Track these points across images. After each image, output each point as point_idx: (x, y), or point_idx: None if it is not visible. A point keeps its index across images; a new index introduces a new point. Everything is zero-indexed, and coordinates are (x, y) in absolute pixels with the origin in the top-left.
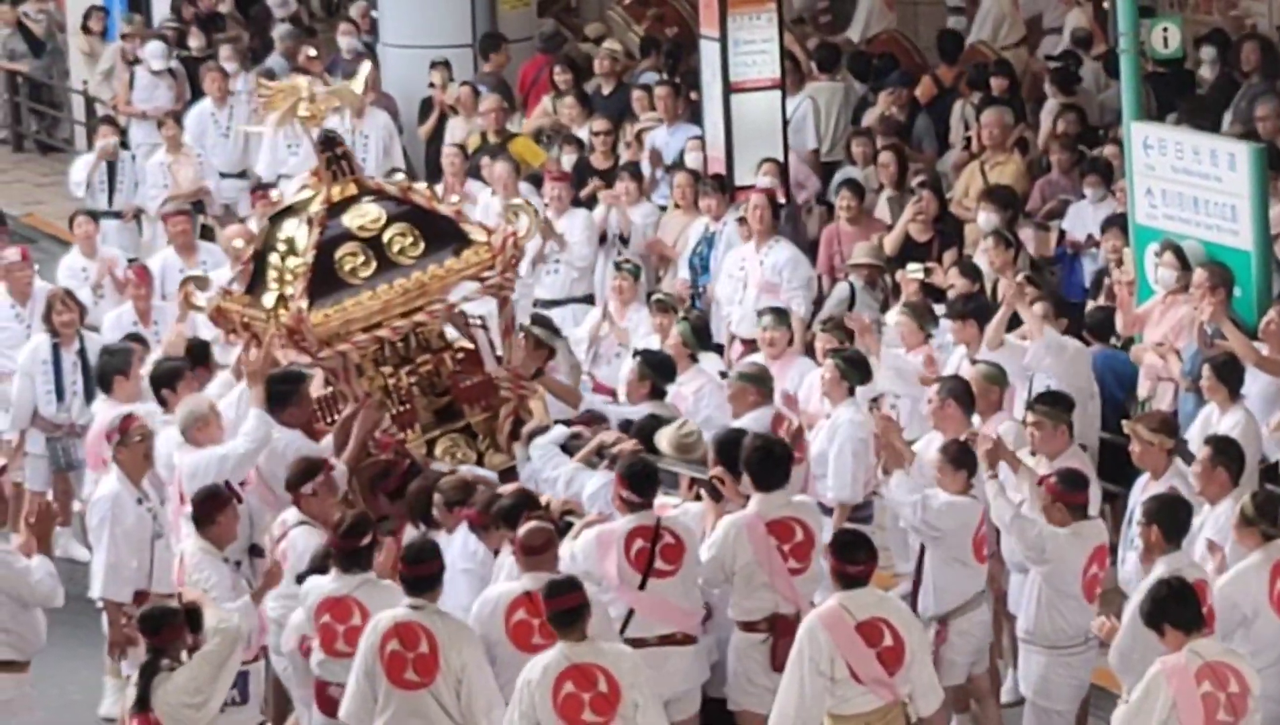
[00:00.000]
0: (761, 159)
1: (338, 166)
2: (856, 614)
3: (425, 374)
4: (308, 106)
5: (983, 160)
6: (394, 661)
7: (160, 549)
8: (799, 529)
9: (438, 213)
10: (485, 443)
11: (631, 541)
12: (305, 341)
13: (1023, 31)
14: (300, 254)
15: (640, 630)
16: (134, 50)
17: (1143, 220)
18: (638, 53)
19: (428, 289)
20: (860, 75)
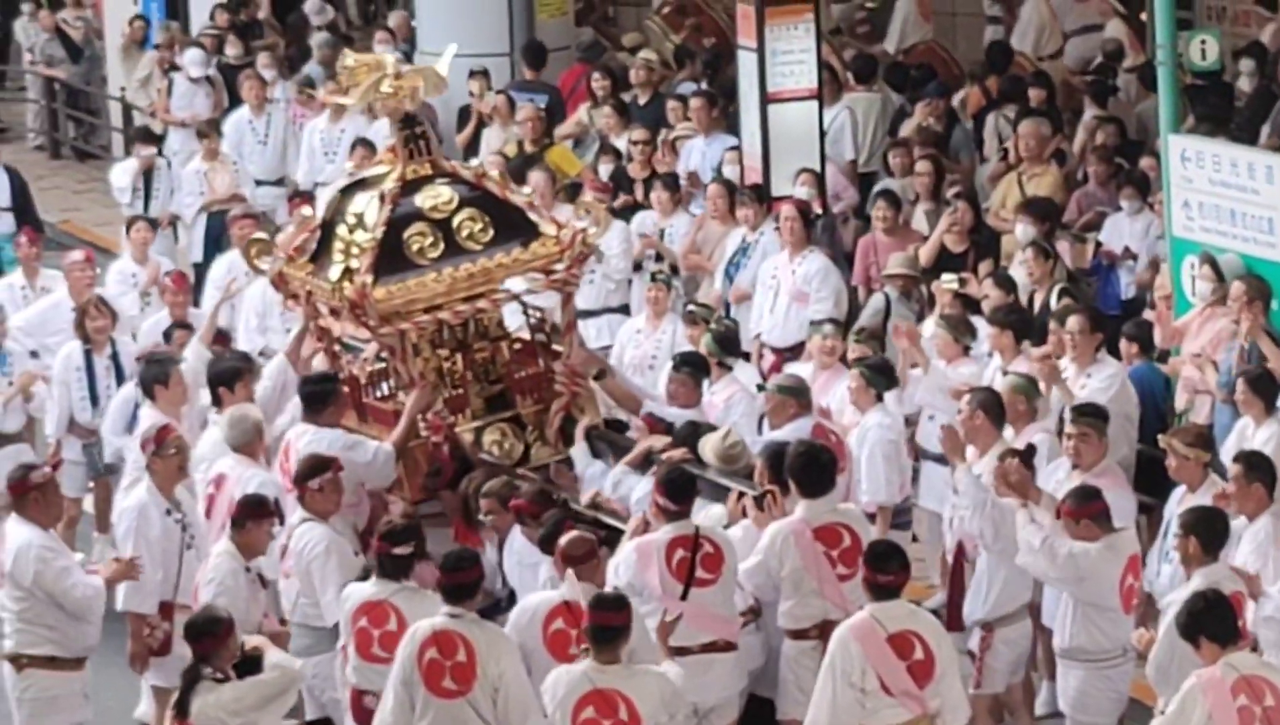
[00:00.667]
0: (798, 169)
1: (415, 145)
2: (888, 626)
3: (481, 361)
4: (391, 83)
5: (1020, 172)
6: (432, 670)
7: (190, 560)
8: (846, 534)
9: (510, 202)
10: (534, 434)
11: (673, 551)
12: (367, 316)
13: (1060, 42)
14: (369, 229)
15: (683, 639)
16: (172, 58)
17: (1180, 233)
18: (674, 62)
19: (492, 276)
20: (897, 86)
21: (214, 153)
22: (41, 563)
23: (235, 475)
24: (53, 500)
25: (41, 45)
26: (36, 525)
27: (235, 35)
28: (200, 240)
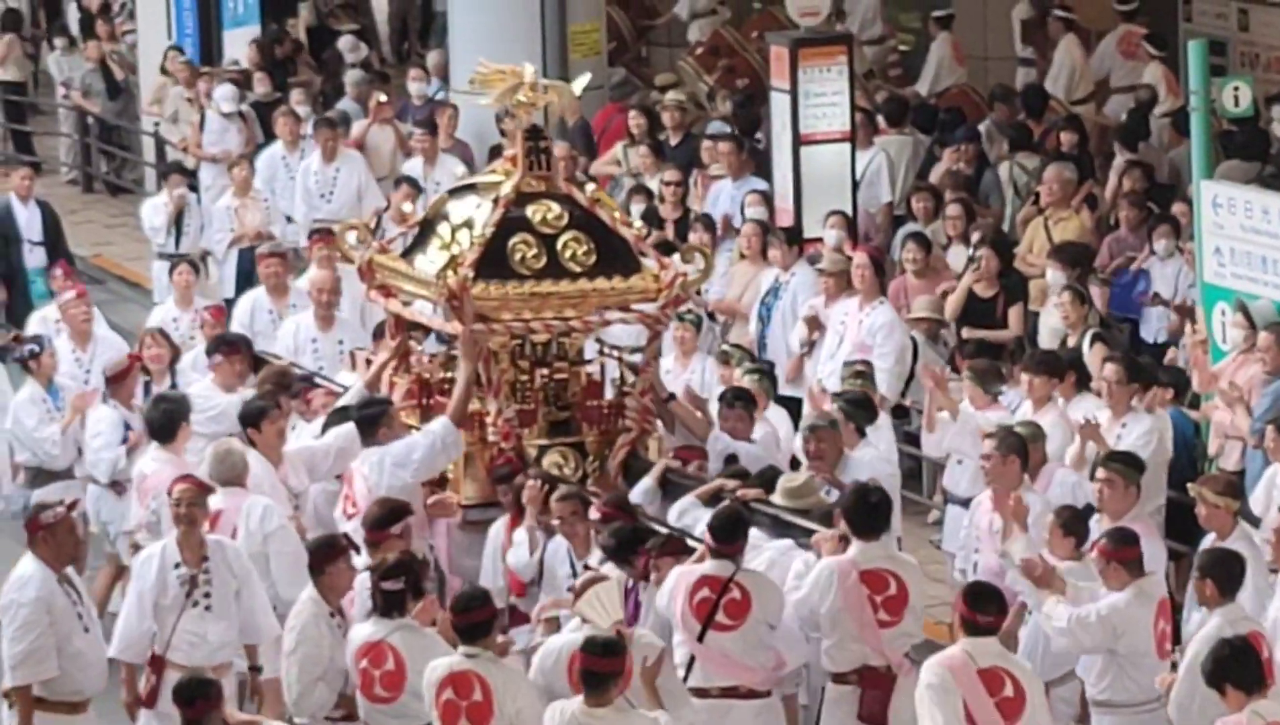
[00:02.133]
0: (829, 211)
1: (536, 158)
2: (980, 660)
3: (556, 382)
4: (525, 94)
5: (1046, 216)
6: (448, 711)
7: (192, 619)
8: (893, 582)
9: (618, 232)
10: (594, 463)
11: (697, 589)
12: (463, 310)
13: (1091, 87)
14: (477, 229)
15: (701, 680)
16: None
17: (1211, 279)
18: (707, 103)
19: (586, 301)
20: (925, 128)
21: (246, 188)
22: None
23: (232, 506)
24: (64, 541)
25: (82, 76)
26: (45, 564)
27: (264, 73)
28: (232, 276)
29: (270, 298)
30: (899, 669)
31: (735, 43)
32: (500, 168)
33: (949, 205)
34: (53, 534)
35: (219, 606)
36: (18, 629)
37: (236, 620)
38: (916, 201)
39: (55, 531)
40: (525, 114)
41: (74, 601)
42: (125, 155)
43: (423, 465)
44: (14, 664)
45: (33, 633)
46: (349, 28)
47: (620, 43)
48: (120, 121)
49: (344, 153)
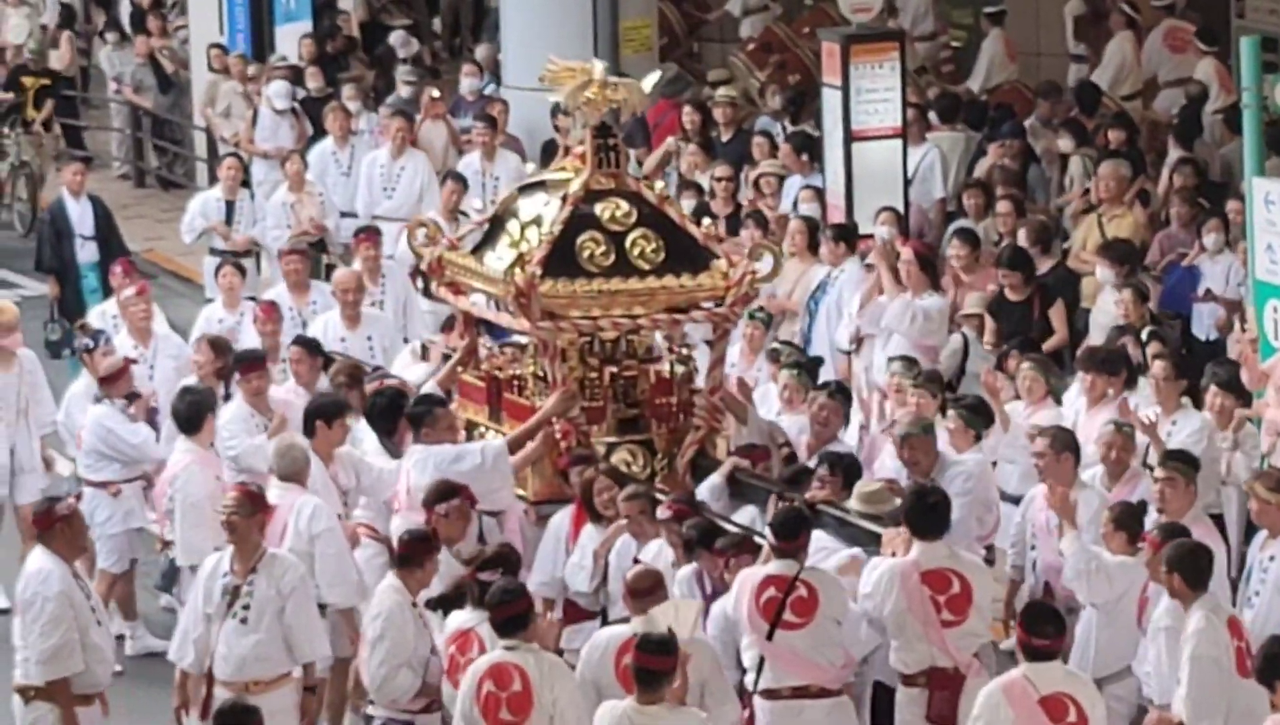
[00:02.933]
0: (880, 207)
1: (605, 156)
2: (1041, 688)
3: (625, 380)
4: (594, 91)
5: (1100, 212)
6: (489, 704)
7: (227, 630)
8: (956, 581)
9: (686, 230)
10: (663, 461)
11: (763, 589)
12: (530, 307)
13: (1140, 84)
14: (545, 227)
15: (772, 680)
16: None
17: (1263, 276)
18: (759, 99)
19: (655, 298)
20: (976, 125)
21: (300, 183)
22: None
23: (287, 503)
24: (78, 532)
25: (132, 71)
26: (59, 558)
27: (316, 68)
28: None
29: (291, 295)
30: (966, 669)
31: (787, 39)
32: (569, 165)
33: (999, 201)
34: (68, 526)
35: (254, 620)
36: (46, 624)
37: (277, 636)
38: (968, 198)
39: (70, 523)
40: (594, 111)
41: (86, 595)
42: (177, 150)
43: (465, 478)
44: (44, 659)
45: (61, 627)
46: (401, 23)
47: (672, 38)
48: (171, 116)
49: (410, 149)
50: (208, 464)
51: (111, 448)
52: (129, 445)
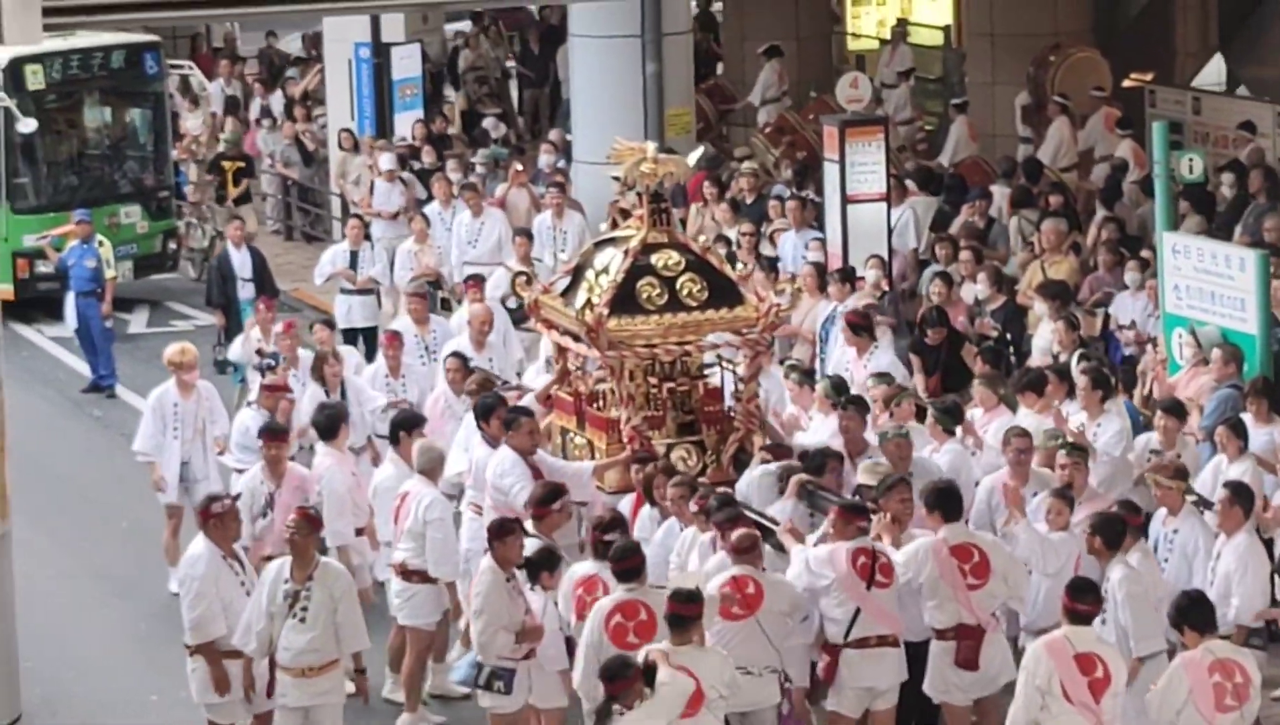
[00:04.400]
0: (869, 255)
1: (658, 217)
2: (1077, 645)
3: (680, 393)
4: (649, 165)
5: (1043, 260)
6: (617, 632)
7: (289, 628)
8: (976, 553)
9: (724, 273)
10: (712, 458)
11: (857, 557)
12: (599, 339)
13: (1076, 158)
14: (611, 274)
15: (864, 630)
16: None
17: (1171, 310)
18: (774, 171)
19: (701, 328)
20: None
21: (423, 236)
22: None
23: (415, 492)
24: (230, 526)
25: (281, 150)
26: (215, 545)
27: (430, 146)
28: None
29: (416, 326)
30: (988, 625)
31: (796, 124)
32: (632, 225)
33: (962, 250)
34: (221, 522)
35: (311, 620)
36: (192, 599)
37: (330, 632)
38: (939, 248)
39: (224, 519)
40: (648, 181)
41: (236, 572)
42: (317, 211)
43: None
44: (192, 626)
45: (203, 602)
46: (493, 111)
47: (706, 123)
48: (312, 185)
49: (488, 210)
50: (344, 464)
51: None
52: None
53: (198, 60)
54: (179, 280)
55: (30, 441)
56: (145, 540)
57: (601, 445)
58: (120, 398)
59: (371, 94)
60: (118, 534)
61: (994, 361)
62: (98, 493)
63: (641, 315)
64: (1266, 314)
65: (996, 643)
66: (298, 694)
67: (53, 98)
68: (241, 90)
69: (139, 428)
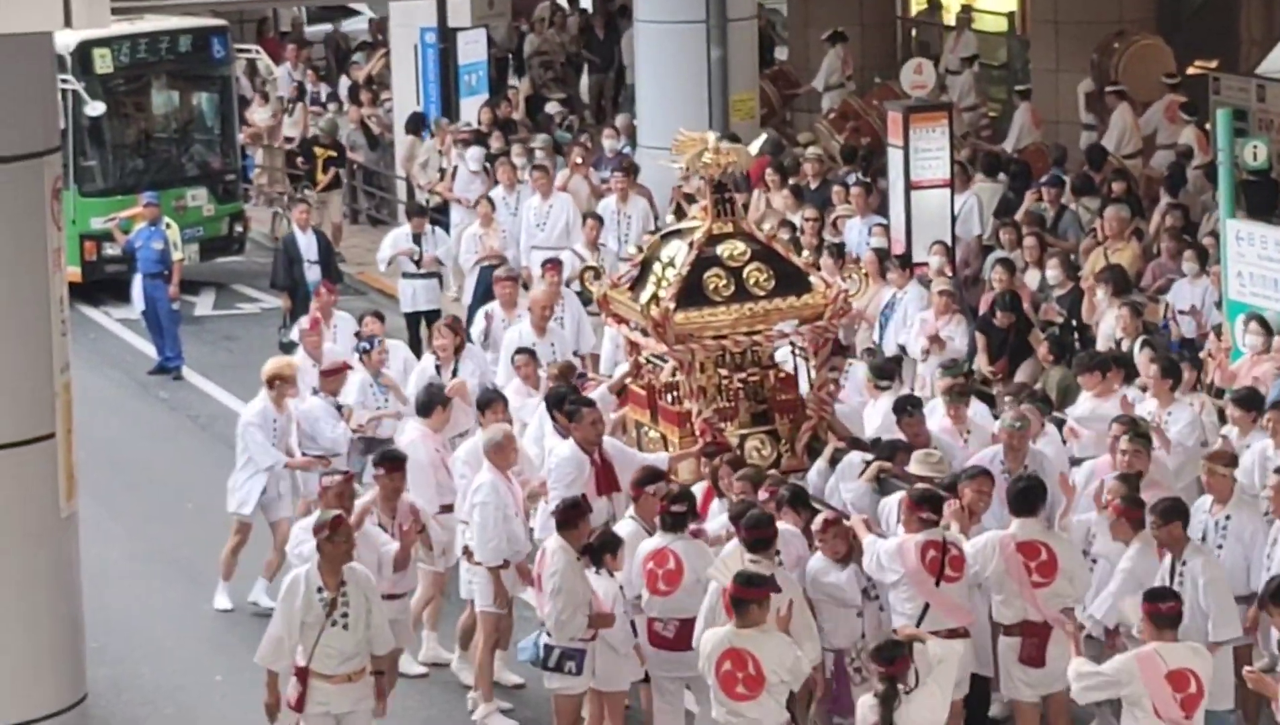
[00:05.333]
0: (933, 241)
1: (723, 207)
2: (1169, 661)
3: (752, 383)
4: (710, 155)
5: (1105, 247)
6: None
7: (334, 635)
8: (1044, 551)
9: (790, 261)
10: (786, 447)
11: (926, 551)
12: (666, 334)
13: (1140, 145)
14: (677, 267)
15: (933, 624)
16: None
17: (1234, 296)
18: (839, 156)
19: (769, 317)
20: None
21: (488, 221)
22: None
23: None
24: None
25: (349, 134)
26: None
27: (498, 131)
28: (472, 286)
29: (503, 309)
30: (1054, 623)
31: (860, 109)
32: (697, 215)
33: (1026, 237)
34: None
35: (354, 624)
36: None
37: (365, 634)
38: (1003, 234)
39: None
40: (712, 171)
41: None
42: (383, 195)
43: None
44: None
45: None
46: (557, 96)
47: (770, 109)
48: (378, 169)
49: (556, 194)
50: (429, 440)
51: (312, 434)
52: (327, 438)
53: (265, 45)
54: (245, 263)
55: (97, 423)
56: (211, 522)
57: (674, 439)
58: (187, 379)
59: (437, 79)
60: (183, 516)
61: (1059, 348)
62: (164, 474)
63: (709, 307)
64: None
65: (1063, 640)
66: (340, 700)
67: (120, 81)
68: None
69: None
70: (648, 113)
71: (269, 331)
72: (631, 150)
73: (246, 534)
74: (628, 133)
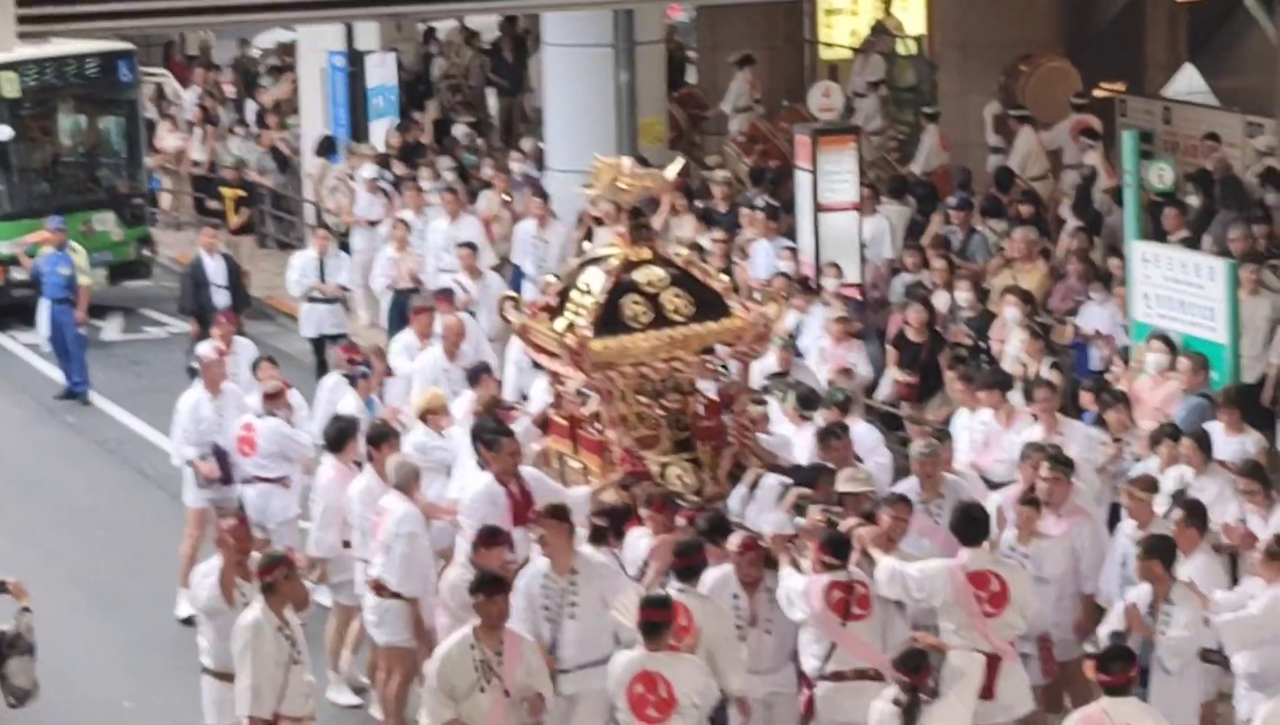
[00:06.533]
0: (827, 262)
1: (639, 233)
2: (1115, 719)
3: (673, 410)
4: (626, 182)
5: (1013, 268)
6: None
7: (296, 673)
8: (995, 580)
9: (710, 286)
10: (708, 474)
11: (831, 592)
12: (584, 363)
13: (1046, 167)
14: (594, 295)
15: (840, 664)
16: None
17: (1140, 318)
18: (748, 179)
19: (689, 343)
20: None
21: (403, 244)
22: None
23: (391, 507)
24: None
25: (258, 157)
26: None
27: (399, 158)
28: (386, 311)
29: (418, 338)
30: (1004, 654)
31: (768, 132)
32: (614, 242)
33: (934, 260)
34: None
35: (305, 660)
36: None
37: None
38: (908, 257)
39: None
40: (627, 198)
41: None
42: (290, 218)
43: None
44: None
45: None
46: (466, 120)
47: (678, 132)
48: (286, 192)
49: (464, 216)
50: (344, 477)
51: (285, 449)
52: (300, 445)
53: (172, 68)
54: (153, 287)
55: (4, 448)
56: (121, 546)
57: (595, 468)
58: (94, 404)
59: (346, 102)
60: (93, 540)
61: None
62: (72, 499)
63: (628, 334)
64: (1235, 323)
65: (1014, 672)
66: None
67: (27, 105)
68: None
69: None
70: (555, 136)
71: (177, 356)
72: (539, 173)
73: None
74: (535, 156)
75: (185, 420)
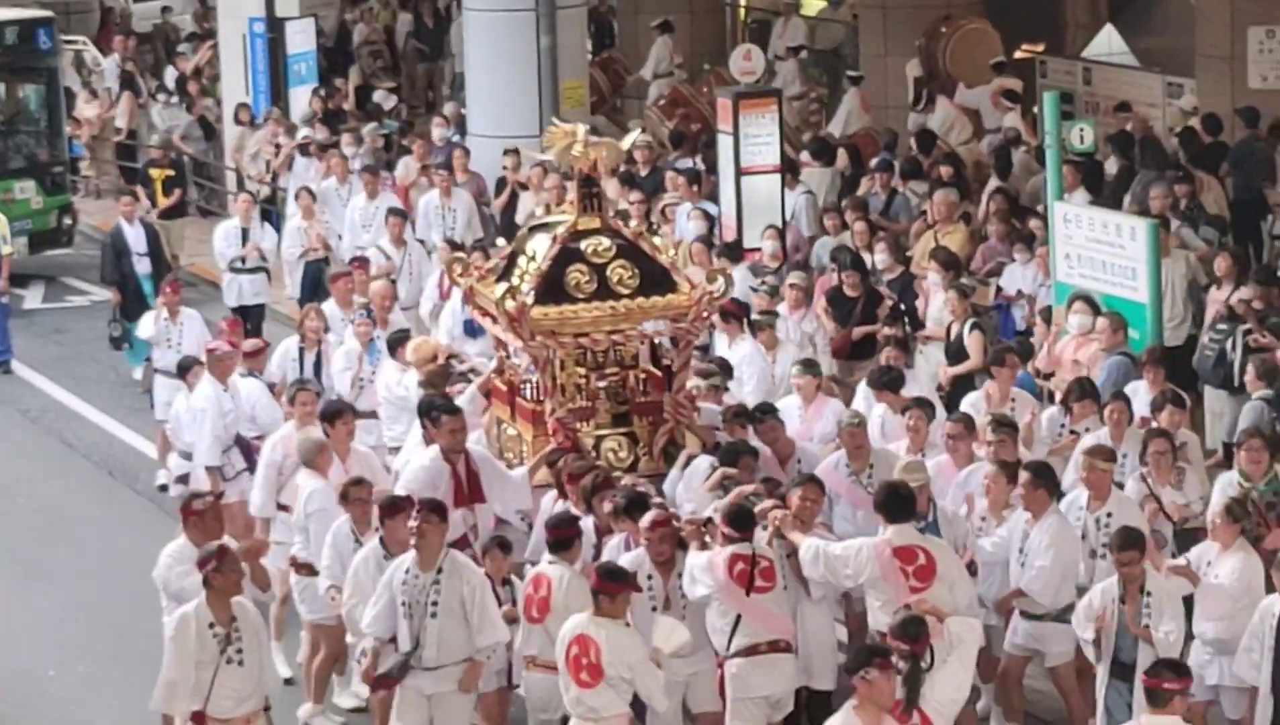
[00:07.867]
0: (765, 226)
1: (589, 202)
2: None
3: (612, 383)
4: (579, 148)
5: (935, 230)
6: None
7: (231, 672)
8: (922, 554)
9: (656, 259)
10: (643, 449)
11: (734, 564)
12: (522, 329)
13: (970, 132)
14: (538, 261)
15: (749, 638)
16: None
17: (1062, 278)
18: (669, 143)
19: (631, 316)
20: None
21: (310, 213)
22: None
23: (303, 485)
24: (210, 526)
25: (187, 126)
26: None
27: (321, 123)
28: (298, 282)
29: (340, 307)
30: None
31: (690, 96)
32: (566, 208)
33: (855, 222)
34: (201, 518)
35: (248, 658)
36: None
37: (259, 668)
38: (828, 220)
39: (204, 517)
40: (581, 165)
41: None
42: (213, 186)
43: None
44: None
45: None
46: (387, 85)
47: (600, 96)
48: (208, 160)
49: (384, 194)
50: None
51: (258, 413)
52: (267, 417)
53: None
54: (75, 255)
55: None
56: (44, 517)
57: (528, 437)
58: (16, 373)
59: (266, 69)
60: (15, 510)
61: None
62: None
63: (570, 303)
64: (1157, 283)
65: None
66: None
67: None
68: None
69: None
70: (477, 101)
71: (99, 324)
72: (460, 138)
73: None
74: (456, 121)
75: (214, 420)
